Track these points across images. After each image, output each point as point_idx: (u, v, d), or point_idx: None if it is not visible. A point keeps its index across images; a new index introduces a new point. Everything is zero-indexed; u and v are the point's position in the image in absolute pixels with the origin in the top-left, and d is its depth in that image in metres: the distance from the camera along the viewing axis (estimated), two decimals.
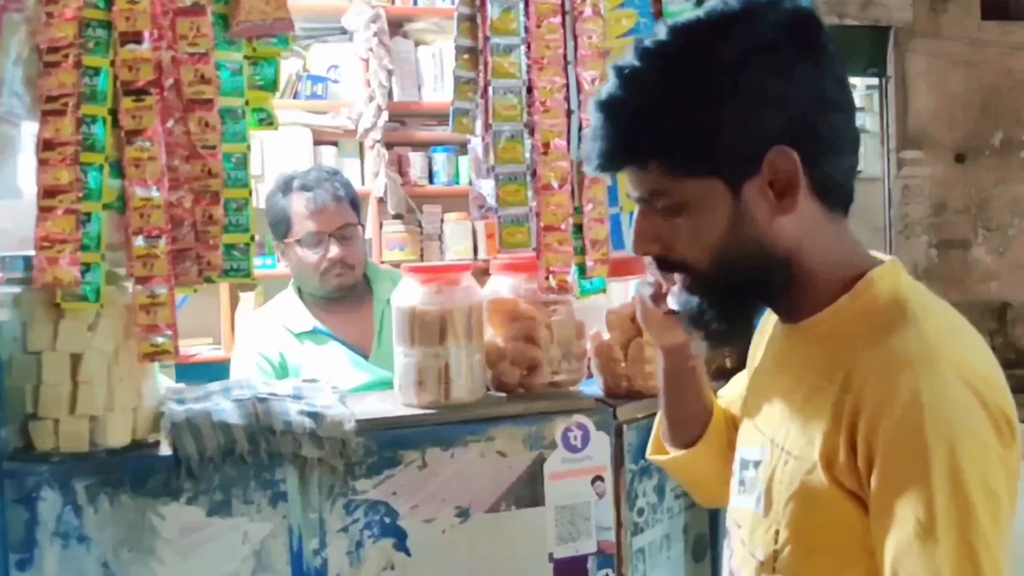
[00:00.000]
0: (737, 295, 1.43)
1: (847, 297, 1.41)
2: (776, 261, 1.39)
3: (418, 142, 5.64)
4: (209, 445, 2.04)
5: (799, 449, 1.38)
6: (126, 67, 1.99)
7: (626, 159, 1.41)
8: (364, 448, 2.15)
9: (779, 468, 1.42)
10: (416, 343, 2.29)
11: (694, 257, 1.40)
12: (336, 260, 3.07)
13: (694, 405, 1.82)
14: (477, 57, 2.42)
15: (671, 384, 1.82)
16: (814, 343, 1.43)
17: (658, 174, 1.38)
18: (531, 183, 2.40)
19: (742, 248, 1.38)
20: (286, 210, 3.13)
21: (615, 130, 1.38)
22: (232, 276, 2.16)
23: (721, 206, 1.37)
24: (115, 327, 2.02)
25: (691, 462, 1.83)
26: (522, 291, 2.45)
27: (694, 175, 1.36)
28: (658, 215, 1.41)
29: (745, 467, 1.54)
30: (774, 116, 1.34)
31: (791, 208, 1.36)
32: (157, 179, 2.00)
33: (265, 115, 2.22)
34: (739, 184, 1.36)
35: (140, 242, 2.00)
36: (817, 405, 1.37)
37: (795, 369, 1.46)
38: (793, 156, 1.34)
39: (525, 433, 2.26)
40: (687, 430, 1.82)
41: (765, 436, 1.48)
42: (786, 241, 1.39)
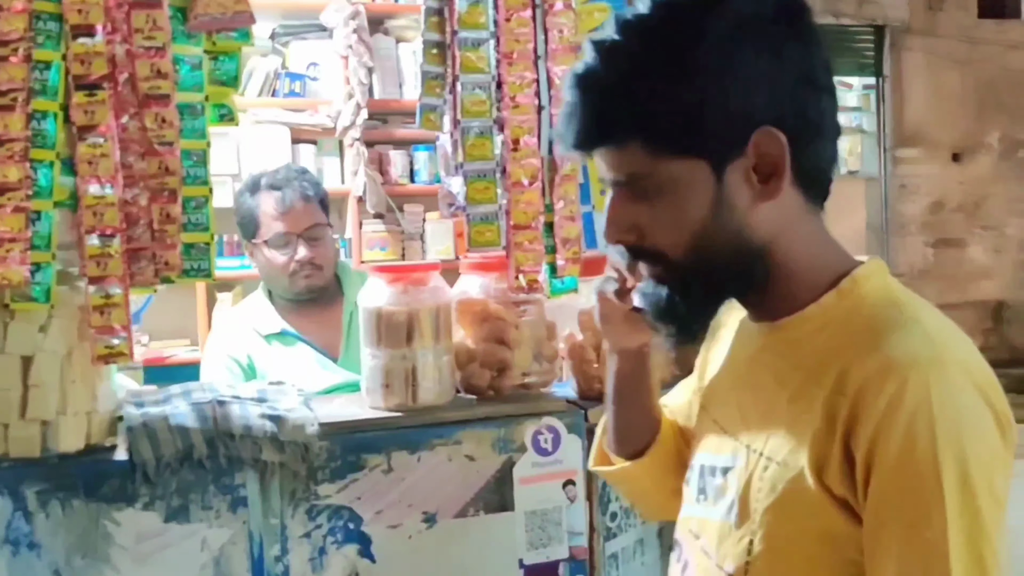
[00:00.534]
0: (712, 287, 1.37)
1: (833, 295, 1.35)
2: (756, 252, 1.34)
3: (399, 140, 5.61)
4: (166, 450, 2.00)
5: (783, 454, 1.31)
6: (78, 61, 1.94)
7: (604, 138, 1.32)
8: (327, 452, 2.12)
9: (757, 475, 1.35)
10: (383, 344, 2.26)
11: (671, 244, 1.33)
12: (305, 261, 3.04)
13: (644, 413, 1.74)
14: (445, 52, 2.39)
15: (622, 390, 1.72)
16: (795, 342, 1.36)
17: (638, 154, 1.30)
18: (501, 180, 2.37)
19: (722, 236, 1.31)
20: (254, 210, 3.10)
21: (592, 106, 1.31)
22: (192, 276, 2.12)
23: (703, 189, 1.30)
24: (68, 328, 1.98)
25: (640, 473, 1.74)
26: (492, 291, 2.41)
27: (676, 155, 1.29)
28: (634, 200, 1.34)
29: (709, 474, 1.46)
30: (762, 95, 1.28)
31: (775, 193, 1.30)
32: (111, 176, 1.96)
33: (226, 111, 2.18)
34: (723, 166, 1.29)
35: (93, 241, 1.95)
36: (805, 408, 1.30)
37: (773, 370, 1.39)
38: (780, 138, 1.28)
39: (494, 436, 2.22)
40: (635, 439, 1.73)
41: (738, 442, 1.41)
42: (766, 231, 1.33)
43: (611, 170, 1.35)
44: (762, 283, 1.37)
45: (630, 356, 1.68)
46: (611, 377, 1.72)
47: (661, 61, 1.28)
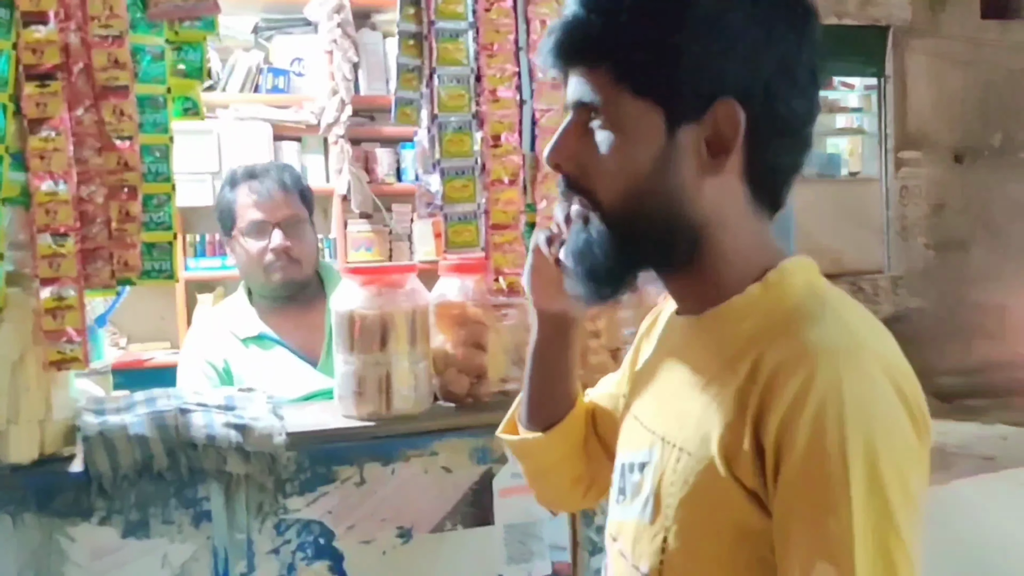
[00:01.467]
0: (633, 245, 1.34)
1: (758, 286, 1.33)
2: (687, 227, 1.31)
3: (386, 138, 5.54)
4: (124, 461, 1.93)
5: (694, 445, 1.28)
6: (29, 50, 1.87)
7: (582, 52, 1.32)
8: (296, 463, 2.06)
9: (670, 467, 1.31)
10: (356, 350, 2.19)
11: (605, 188, 1.32)
12: (279, 250, 2.95)
13: (561, 385, 1.70)
14: (422, 43, 2.31)
15: (542, 356, 1.69)
16: (717, 333, 1.34)
17: (605, 80, 1.29)
18: (480, 178, 2.30)
19: (657, 196, 1.29)
20: (232, 203, 3.03)
21: (580, 21, 1.31)
22: (153, 277, 2.05)
23: (653, 140, 1.28)
24: (20, 332, 1.91)
25: (543, 448, 1.70)
26: (471, 294, 2.34)
27: (638, 93, 1.28)
28: (585, 132, 1.33)
29: (628, 472, 1.43)
30: (738, 65, 1.27)
31: (719, 169, 1.29)
32: (64, 172, 1.89)
33: (190, 104, 2.11)
34: (677, 123, 1.28)
35: (46, 240, 1.88)
36: (716, 397, 1.27)
37: (693, 361, 1.37)
38: (740, 115, 1.26)
39: (472, 446, 2.17)
40: (547, 411, 1.70)
41: (655, 435, 1.38)
42: (703, 210, 1.31)
43: (575, 93, 1.34)
44: (684, 262, 1.35)
45: (552, 321, 1.66)
46: (532, 341, 1.70)
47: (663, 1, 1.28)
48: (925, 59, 8.68)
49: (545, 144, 2.21)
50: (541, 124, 2.28)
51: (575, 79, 1.34)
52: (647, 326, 1.64)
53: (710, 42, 1.26)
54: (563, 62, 1.35)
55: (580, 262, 1.37)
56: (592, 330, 2.30)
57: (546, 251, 1.54)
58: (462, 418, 2.23)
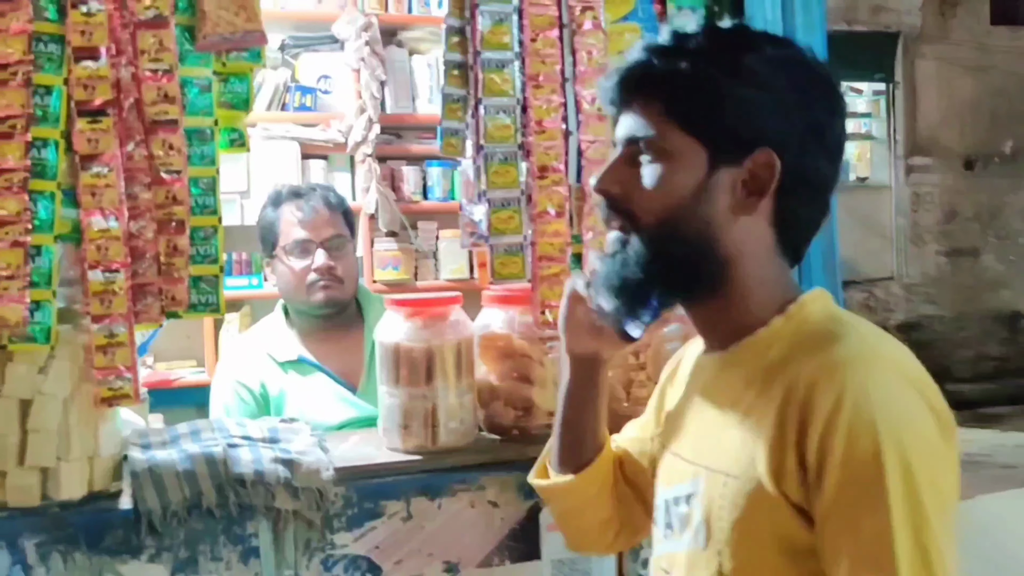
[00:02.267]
0: (665, 265, 1.45)
1: (781, 319, 1.45)
2: (717, 257, 1.44)
3: (412, 155, 5.52)
4: (173, 498, 1.93)
5: (739, 468, 1.39)
6: (81, 86, 1.88)
7: (641, 89, 1.47)
8: (343, 499, 2.05)
9: (718, 493, 1.42)
10: (401, 383, 2.19)
11: (646, 209, 1.45)
12: (323, 269, 2.96)
13: (590, 428, 1.78)
14: (467, 73, 2.31)
15: (573, 400, 1.78)
16: (747, 365, 1.46)
17: (656, 115, 1.44)
18: (526, 209, 2.29)
19: (693, 223, 1.43)
20: (275, 221, 3.05)
21: (643, 62, 1.47)
22: (199, 311, 2.06)
23: (694, 172, 1.43)
24: (69, 369, 1.91)
25: (571, 490, 1.78)
26: (516, 325, 2.33)
27: (686, 128, 1.42)
28: (633, 164, 1.46)
29: (675, 505, 1.52)
30: (778, 122, 1.41)
31: (752, 209, 1.43)
32: (115, 208, 1.89)
33: (237, 136, 2.11)
34: (718, 163, 1.42)
35: (97, 277, 1.88)
36: (756, 421, 1.38)
37: (728, 394, 1.47)
38: (776, 164, 1.41)
39: (519, 481, 2.13)
40: (578, 454, 1.78)
41: (697, 466, 1.48)
42: (733, 245, 1.44)
43: (628, 128, 1.48)
44: (710, 291, 1.47)
45: (583, 364, 1.75)
46: (562, 385, 1.79)
47: (719, 52, 1.44)
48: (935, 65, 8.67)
49: (591, 175, 2.23)
50: (587, 155, 2.27)
51: (628, 116, 1.49)
52: (670, 372, 1.74)
53: (757, 95, 1.41)
54: (623, 96, 1.49)
55: (613, 283, 1.49)
56: (638, 363, 2.29)
57: (585, 293, 1.63)
58: (509, 451, 2.22)
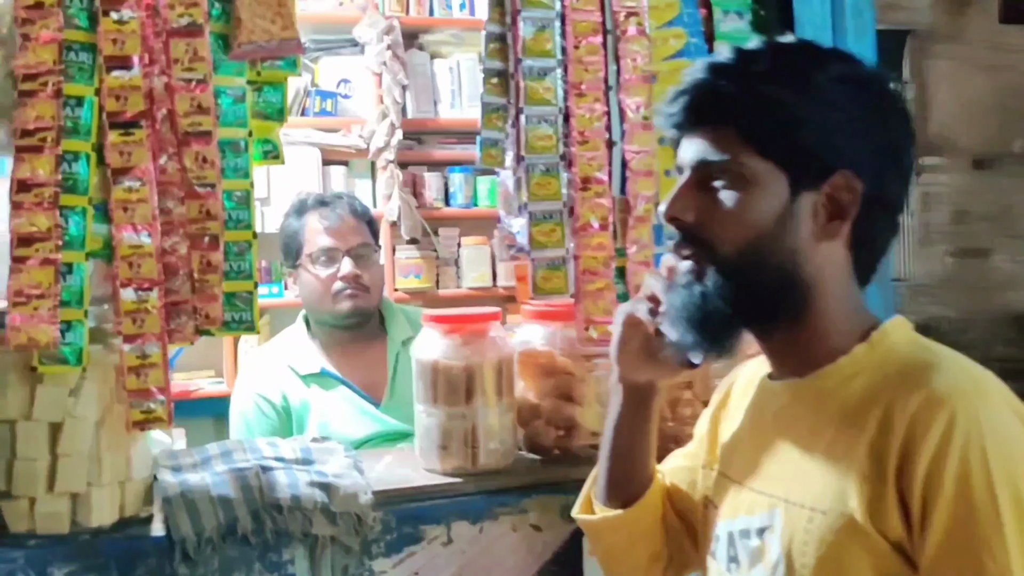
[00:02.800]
0: (749, 296, 1.41)
1: (864, 346, 1.41)
2: (800, 283, 1.41)
3: (434, 161, 5.47)
4: (207, 524, 1.87)
5: (827, 503, 1.34)
6: (113, 96, 1.82)
7: (709, 113, 1.41)
8: (382, 523, 1.99)
9: (800, 528, 1.37)
10: (439, 401, 2.13)
11: (725, 239, 1.40)
12: (350, 277, 2.95)
13: (641, 459, 1.73)
14: (507, 81, 2.24)
15: (623, 430, 1.72)
16: (828, 392, 1.41)
17: (730, 140, 1.39)
18: (568, 222, 2.22)
19: (776, 251, 1.39)
20: (300, 230, 3.04)
21: (710, 85, 1.42)
22: (233, 329, 2.00)
23: (775, 199, 1.38)
24: (101, 392, 1.85)
25: (624, 523, 1.72)
26: (558, 342, 2.26)
27: (766, 154, 1.38)
28: (706, 187, 1.41)
29: (742, 538, 1.47)
30: (856, 145, 1.38)
31: (836, 234, 1.40)
32: (148, 223, 1.83)
33: (271, 147, 2.05)
34: (799, 188, 1.38)
35: (129, 295, 1.83)
36: (845, 453, 1.34)
37: (806, 423, 1.43)
38: (858, 185, 1.37)
39: (562, 503, 2.07)
40: (627, 486, 1.73)
41: (775, 498, 1.43)
42: (816, 271, 1.41)
43: (698, 152, 1.42)
44: (791, 320, 1.43)
45: (637, 392, 1.69)
46: (612, 414, 1.73)
47: (789, 72, 1.39)
48: (946, 64, 8.61)
49: (638, 186, 2.19)
50: (632, 166, 2.21)
51: (696, 140, 1.43)
52: (721, 398, 1.71)
53: (836, 118, 1.37)
54: (691, 121, 1.43)
55: (693, 316, 1.42)
56: (684, 381, 2.23)
57: (647, 319, 1.58)
58: (551, 473, 2.16)
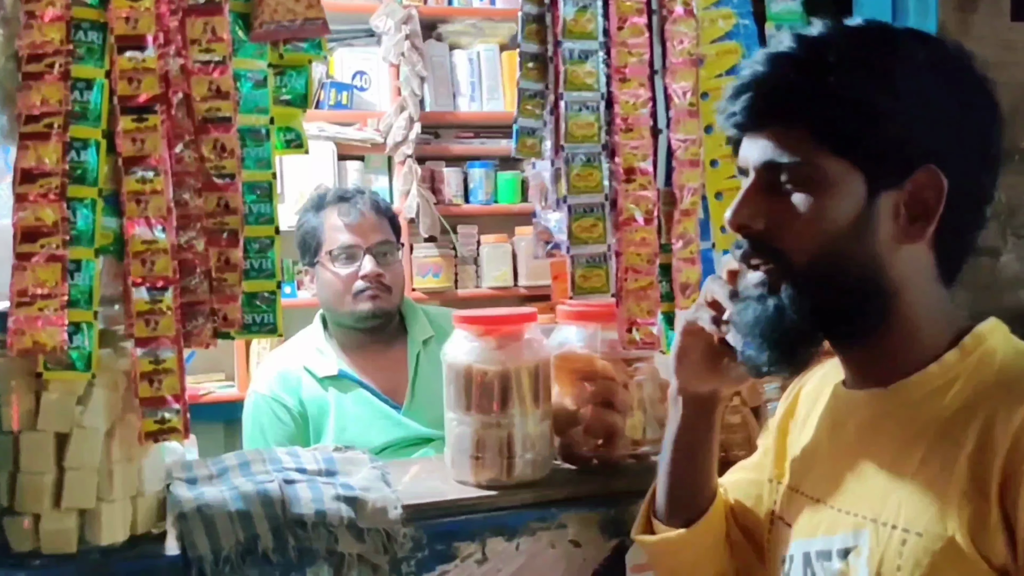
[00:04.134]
0: (826, 308, 1.35)
1: (955, 353, 1.34)
2: (882, 291, 1.34)
3: (453, 156, 5.40)
4: (226, 542, 1.76)
5: (923, 524, 1.27)
6: (125, 79, 1.71)
7: (777, 112, 1.34)
8: (412, 540, 1.89)
9: (892, 550, 1.30)
10: (473, 409, 2.02)
11: (798, 247, 1.33)
12: (371, 276, 2.89)
13: (703, 473, 1.67)
14: (546, 65, 2.13)
15: (684, 444, 1.66)
16: (921, 404, 1.34)
17: (802, 140, 1.32)
18: (610, 216, 2.12)
19: (854, 258, 1.32)
20: (318, 227, 2.99)
21: (777, 81, 1.35)
22: (254, 332, 1.90)
23: (852, 200, 1.31)
24: (111, 400, 1.74)
25: (689, 542, 1.66)
26: (598, 344, 2.16)
27: (839, 153, 1.31)
28: (775, 191, 1.35)
29: (821, 560, 1.40)
30: (940, 136, 1.31)
31: (920, 236, 1.33)
32: (162, 217, 1.72)
33: (293, 136, 1.95)
34: (878, 187, 1.31)
35: (142, 295, 1.72)
36: (941, 470, 1.27)
37: (896, 435, 1.36)
38: (943, 181, 1.30)
39: (603, 517, 1.99)
40: (690, 504, 1.67)
41: (860, 517, 1.37)
42: (898, 276, 1.34)
43: (765, 152, 1.34)
44: (872, 329, 1.36)
45: (699, 403, 1.63)
46: (672, 428, 1.67)
47: (862, 62, 1.31)
48: None
49: (684, 177, 2.08)
50: (678, 156, 2.09)
51: (760, 140, 1.35)
52: (787, 406, 1.65)
53: (916, 108, 1.30)
54: (756, 121, 1.36)
55: (768, 332, 1.36)
56: None
57: (711, 328, 1.51)
58: (590, 484, 2.06)
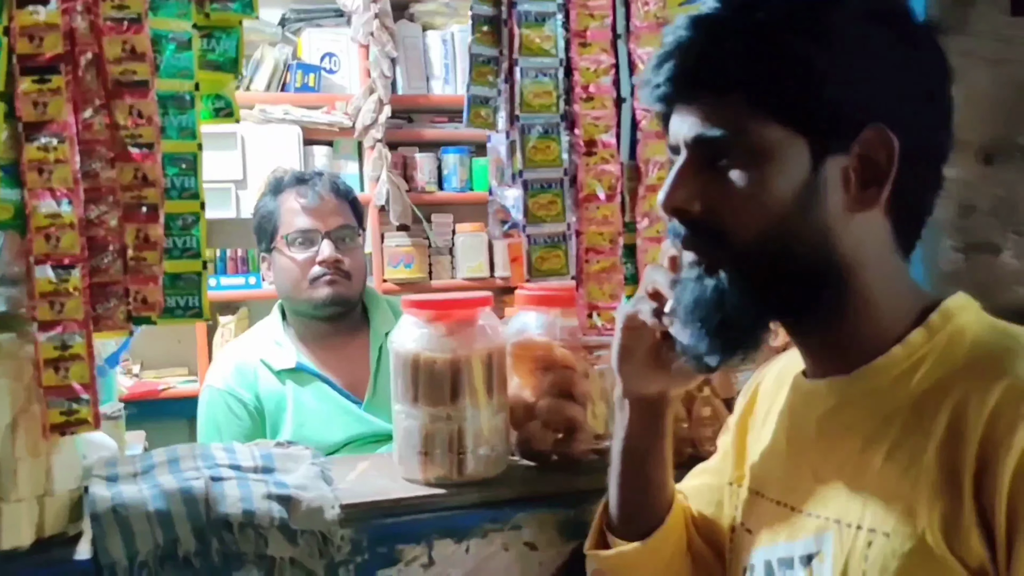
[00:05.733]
0: (775, 290, 1.27)
1: (921, 332, 1.27)
2: (834, 267, 1.26)
3: (426, 141, 5.39)
4: (142, 546, 1.65)
5: (891, 523, 1.20)
6: (25, 36, 1.60)
7: (705, 80, 1.26)
8: (351, 543, 1.79)
9: (858, 553, 1.23)
10: (421, 401, 1.92)
11: (740, 225, 1.25)
12: (330, 261, 2.81)
13: (657, 482, 1.58)
14: (500, 29, 2.03)
15: (634, 451, 1.57)
16: (885, 391, 1.27)
17: (736, 108, 1.23)
18: (569, 192, 2.02)
19: (802, 232, 1.24)
20: (275, 210, 2.92)
21: (703, 45, 1.26)
22: (177, 316, 1.77)
23: (795, 170, 1.23)
24: (13, 389, 1.63)
25: (645, 557, 1.56)
26: (557, 331, 2.06)
27: (778, 119, 1.22)
28: (710, 167, 1.26)
29: (784, 567, 1.34)
30: (889, 91, 1.24)
31: (873, 202, 1.25)
32: (68, 188, 1.61)
33: (223, 104, 1.84)
34: (823, 153, 1.23)
35: (46, 273, 1.61)
36: (909, 462, 1.20)
37: (858, 427, 1.28)
38: (893, 140, 1.22)
39: (561, 518, 1.90)
40: (644, 515, 1.58)
41: (823, 519, 1.30)
42: (850, 249, 1.26)
43: (697, 125, 1.27)
44: (827, 311, 1.29)
45: (646, 406, 1.55)
46: (619, 435, 1.59)
47: (794, 17, 1.23)
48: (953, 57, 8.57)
49: (649, 150, 1.96)
50: (643, 127, 2.00)
51: (690, 113, 1.28)
52: (746, 402, 1.58)
53: (858, 62, 1.23)
54: (684, 92, 1.28)
55: (708, 316, 1.28)
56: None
57: (652, 322, 1.41)
58: (549, 483, 1.97)
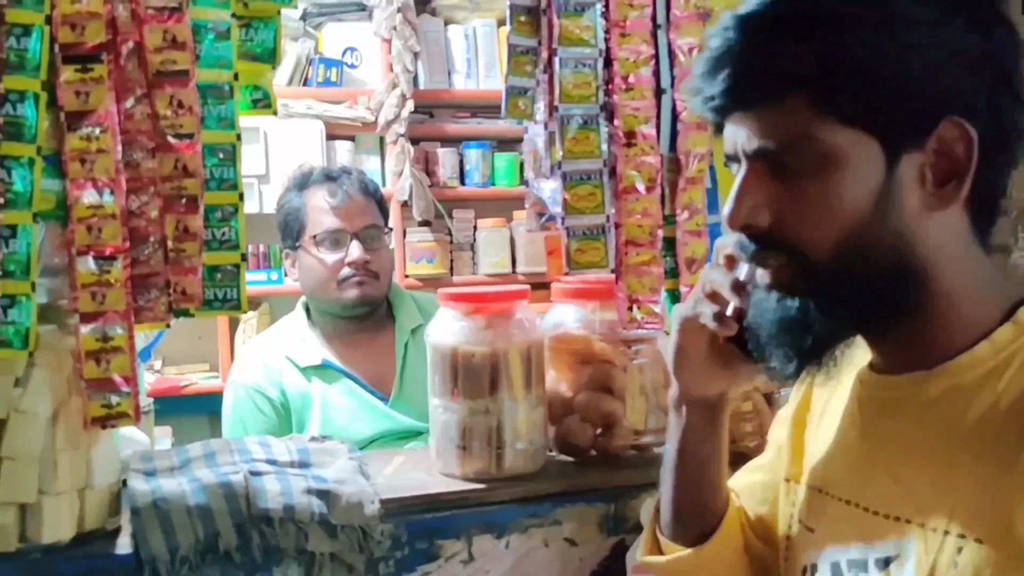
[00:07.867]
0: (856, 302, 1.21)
1: (1009, 328, 1.20)
2: (915, 270, 1.20)
3: (448, 136, 5.34)
4: (184, 540, 1.66)
5: (984, 529, 1.15)
6: (67, 24, 1.61)
7: (764, 87, 1.18)
8: (391, 538, 1.80)
9: (945, 559, 1.17)
10: (460, 395, 1.92)
11: (814, 238, 1.19)
12: (358, 263, 2.80)
13: (712, 484, 1.52)
14: (539, 19, 2.03)
15: (692, 455, 1.50)
16: (970, 390, 1.20)
17: (800, 113, 1.16)
18: (609, 184, 2.01)
19: (881, 239, 1.18)
20: (301, 208, 2.90)
21: (756, 49, 1.19)
22: (216, 309, 1.78)
23: (869, 175, 1.17)
24: (54, 382, 1.64)
25: (702, 562, 1.50)
26: (596, 325, 2.07)
27: (846, 122, 1.16)
28: (777, 176, 1.20)
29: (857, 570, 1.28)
30: (961, 79, 1.16)
31: (953, 199, 1.18)
32: (110, 179, 1.62)
33: (261, 95, 1.84)
34: (898, 153, 1.16)
35: (88, 265, 1.62)
36: (1002, 466, 1.14)
37: (943, 427, 1.22)
38: (972, 134, 1.15)
39: (601, 513, 1.92)
40: (701, 519, 1.51)
41: (904, 522, 1.24)
42: (931, 249, 1.20)
43: (757, 136, 1.20)
44: (910, 313, 1.23)
45: (706, 408, 1.48)
46: (675, 437, 1.52)
47: (854, 6, 1.17)
48: None
49: (690, 142, 1.96)
50: (684, 118, 1.99)
51: (747, 123, 1.21)
52: (802, 395, 1.51)
53: (928, 51, 1.16)
54: (741, 102, 1.21)
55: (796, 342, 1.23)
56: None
57: (714, 326, 1.36)
58: (587, 477, 1.98)
